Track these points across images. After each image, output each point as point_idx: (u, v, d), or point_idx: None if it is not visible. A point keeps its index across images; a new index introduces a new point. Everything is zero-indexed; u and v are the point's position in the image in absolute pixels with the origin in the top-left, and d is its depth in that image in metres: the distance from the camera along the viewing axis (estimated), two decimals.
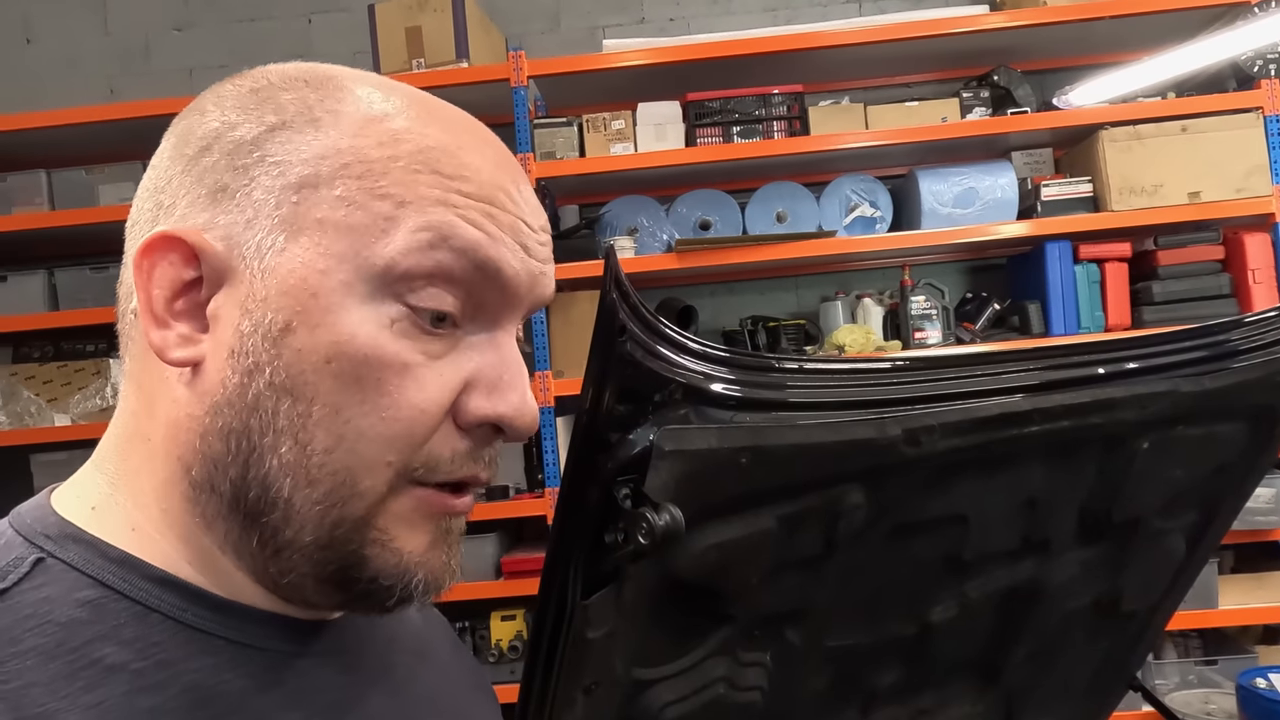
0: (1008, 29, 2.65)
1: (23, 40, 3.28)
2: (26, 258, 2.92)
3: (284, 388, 0.44)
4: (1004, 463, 0.79)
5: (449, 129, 0.47)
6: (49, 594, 0.43)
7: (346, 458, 0.44)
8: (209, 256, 0.45)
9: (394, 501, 0.46)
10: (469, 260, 0.45)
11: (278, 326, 0.44)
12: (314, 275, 0.44)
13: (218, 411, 0.45)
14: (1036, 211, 2.71)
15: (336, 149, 0.45)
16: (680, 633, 0.64)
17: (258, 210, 0.45)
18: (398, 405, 0.44)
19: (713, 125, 2.72)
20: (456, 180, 0.45)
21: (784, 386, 0.53)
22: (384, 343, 0.44)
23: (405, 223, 0.44)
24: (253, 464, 0.44)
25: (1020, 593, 0.87)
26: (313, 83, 0.48)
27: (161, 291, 0.45)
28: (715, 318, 3.08)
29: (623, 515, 0.50)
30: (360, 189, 0.44)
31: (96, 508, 0.47)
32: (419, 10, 2.76)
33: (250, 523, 0.45)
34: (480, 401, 0.46)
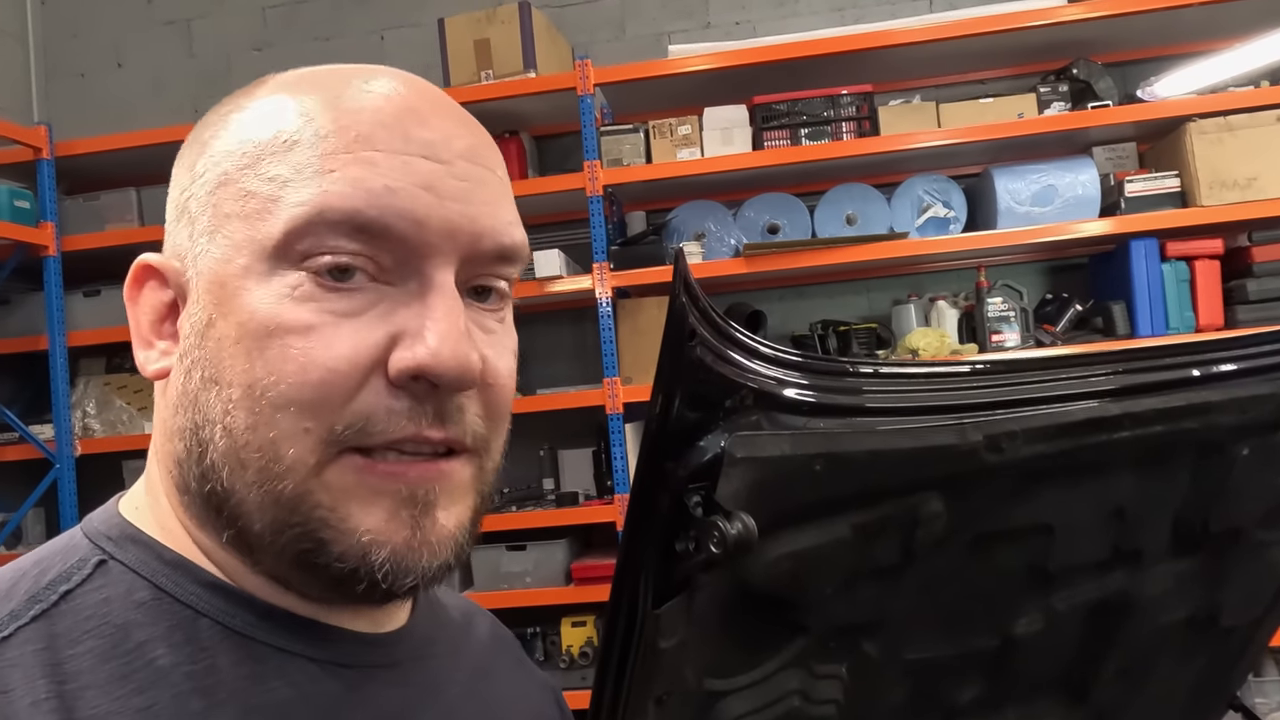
0: (1088, 20, 2.56)
1: (114, 65, 3.43)
2: (118, 273, 3.03)
3: (210, 378, 0.45)
4: (1092, 470, 0.76)
5: (334, 85, 0.46)
6: (108, 595, 0.44)
7: (266, 431, 0.43)
8: (171, 274, 0.48)
9: (331, 473, 0.43)
10: (351, 226, 0.43)
11: (203, 322, 0.46)
12: (221, 267, 0.45)
13: (176, 413, 0.47)
14: (1120, 208, 2.61)
15: (239, 143, 0.46)
16: (753, 643, 0.62)
17: (194, 220, 0.47)
18: (304, 368, 0.42)
19: (780, 128, 2.70)
20: (330, 137, 0.44)
21: (859, 391, 0.52)
22: (284, 310, 0.43)
23: (286, 199, 0.44)
24: (203, 458, 0.45)
25: (1110, 606, 0.84)
26: (250, 86, 0.50)
27: (146, 316, 0.49)
28: (784, 322, 3.05)
29: (694, 523, 0.50)
30: (255, 176, 0.45)
31: (139, 508, 0.50)
32: (487, 23, 2.80)
33: (219, 518, 0.45)
34: (400, 352, 0.43)
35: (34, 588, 0.44)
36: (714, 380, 0.47)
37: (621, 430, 2.64)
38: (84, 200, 2.97)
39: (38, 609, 0.43)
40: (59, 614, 0.43)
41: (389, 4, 3.31)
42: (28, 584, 0.44)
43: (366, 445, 0.43)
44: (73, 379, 2.93)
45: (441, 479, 0.45)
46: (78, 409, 2.92)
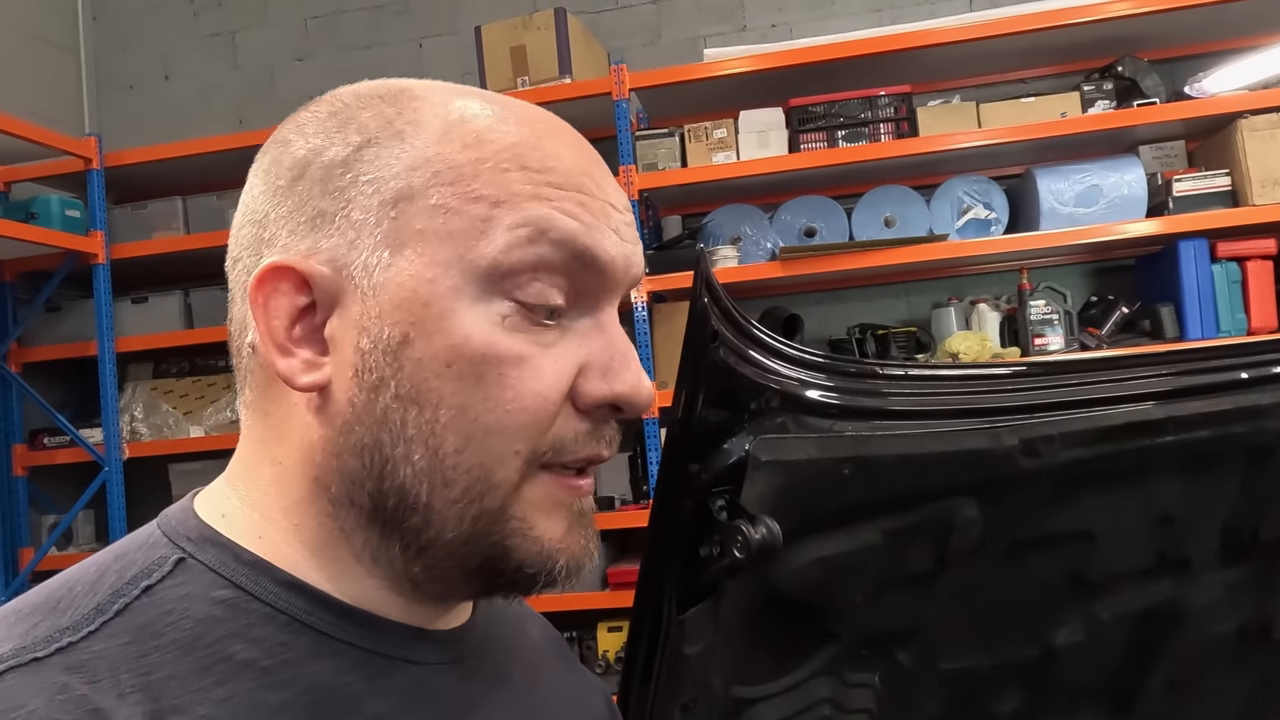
0: (1133, 16, 2.51)
1: (162, 77, 3.51)
2: (165, 279, 3.12)
3: (409, 398, 0.45)
4: (1135, 475, 0.73)
5: (525, 122, 0.48)
6: (188, 591, 0.45)
7: (478, 454, 0.45)
8: (318, 280, 0.47)
9: (527, 489, 0.47)
10: (568, 250, 0.46)
11: (396, 340, 0.45)
12: (423, 285, 0.45)
13: (349, 430, 0.46)
14: (1168, 208, 2.55)
15: (425, 158, 0.46)
16: (782, 650, 0.61)
17: (359, 230, 0.46)
18: (520, 396, 0.45)
19: (817, 130, 2.68)
20: (544, 173, 0.46)
21: (888, 394, 0.51)
22: (498, 339, 0.45)
23: (502, 221, 0.45)
24: (388, 475, 0.46)
25: (1156, 616, 0.81)
26: (388, 98, 0.49)
27: (279, 321, 0.47)
28: (821, 326, 3.02)
29: (718, 528, 0.49)
30: (454, 194, 0.45)
31: (227, 515, 0.50)
32: (523, 29, 2.81)
33: (390, 530, 0.47)
34: (597, 384, 0.47)
35: (117, 583, 0.45)
36: (737, 382, 0.46)
37: (657, 435, 2.63)
38: (132, 209, 3.04)
39: (121, 603, 0.44)
40: (140, 608, 0.44)
41: (427, 13, 3.34)
42: (111, 579, 0.45)
43: (554, 463, 0.48)
44: (121, 384, 2.99)
45: (591, 491, 0.51)
46: (125, 413, 2.98)
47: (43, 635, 0.42)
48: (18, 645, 0.42)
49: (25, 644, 0.42)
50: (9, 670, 0.40)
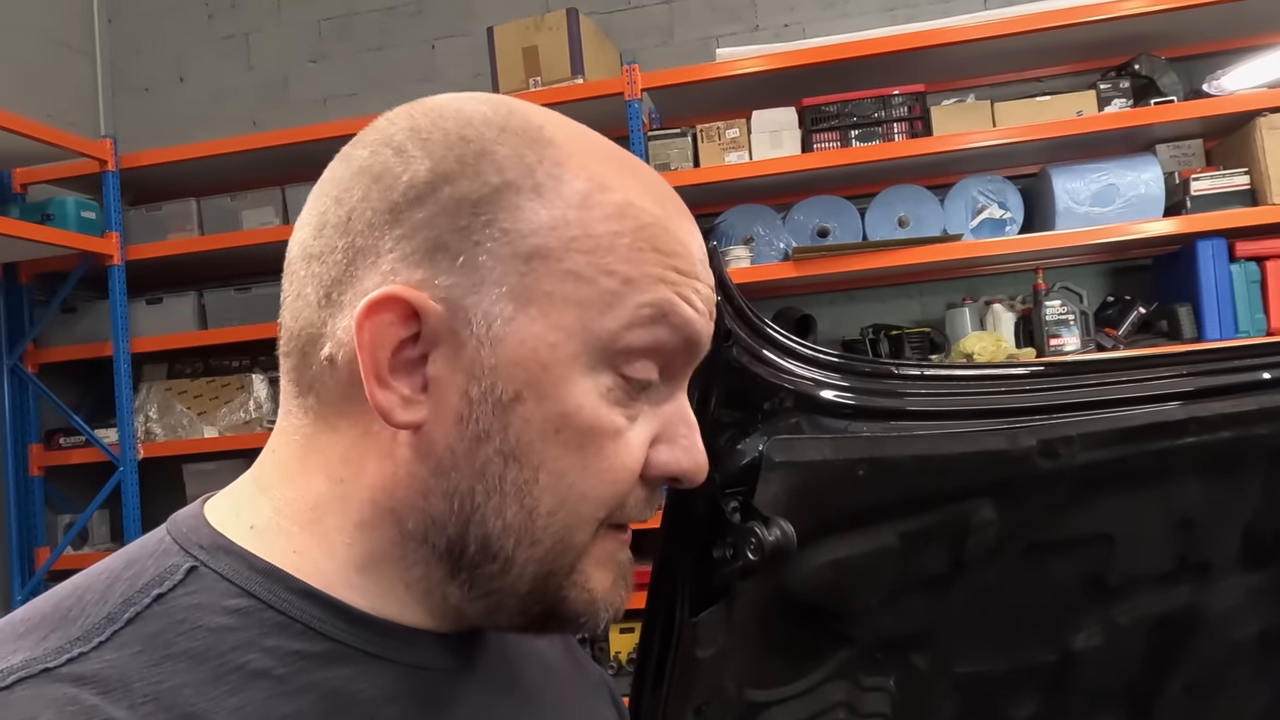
0: (1150, 14, 2.48)
1: (176, 79, 3.53)
2: (179, 280, 3.13)
3: (511, 454, 0.45)
4: (1155, 477, 0.72)
5: (660, 202, 0.49)
6: (200, 600, 0.45)
7: (568, 518, 0.47)
8: (431, 318, 0.45)
9: (594, 547, 0.49)
10: (681, 335, 0.48)
11: (508, 396, 0.45)
12: (544, 348, 0.45)
13: (443, 474, 0.46)
14: (1186, 207, 2.53)
15: (565, 220, 0.46)
16: (796, 654, 0.61)
17: (484, 276, 0.45)
18: (614, 468, 0.47)
19: (830, 130, 2.66)
20: (673, 258, 0.47)
21: (904, 394, 0.50)
22: (603, 412, 0.46)
23: (630, 299, 0.46)
24: (474, 523, 0.46)
25: (1175, 620, 0.80)
26: (525, 137, 0.47)
27: (384, 352, 0.45)
28: (835, 327, 3.01)
29: (731, 529, 0.48)
30: (589, 264, 0.45)
31: (255, 527, 0.48)
32: (535, 30, 2.81)
33: (459, 571, 0.48)
34: (665, 457, 0.49)
35: (128, 591, 0.45)
36: (751, 381, 0.46)
37: None
38: (147, 211, 3.05)
39: (133, 612, 0.44)
40: (152, 617, 0.44)
41: (438, 14, 3.35)
42: (122, 587, 0.45)
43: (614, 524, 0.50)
44: (135, 384, 3.01)
45: (629, 543, 0.52)
46: (140, 413, 3.00)
47: (53, 646, 0.42)
48: (28, 656, 0.41)
49: (35, 655, 0.41)
50: (19, 682, 0.40)
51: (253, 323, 2.95)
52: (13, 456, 2.96)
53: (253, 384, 3.00)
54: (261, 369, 3.06)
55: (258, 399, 2.99)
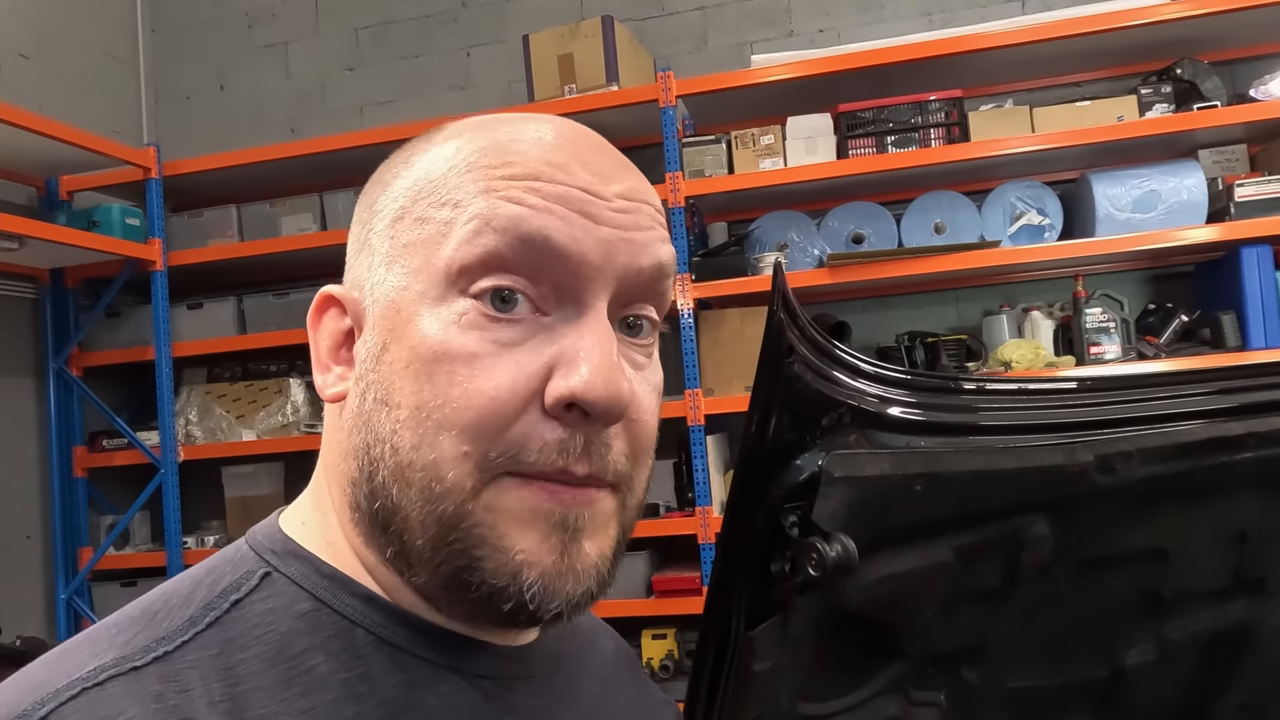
0: (1192, 18, 2.45)
1: (216, 88, 3.59)
2: (219, 285, 3.18)
3: (382, 399, 0.47)
4: (1211, 492, 0.71)
5: (506, 129, 0.49)
6: (273, 605, 0.47)
7: (429, 452, 0.45)
8: (349, 304, 0.51)
9: (490, 494, 0.45)
10: (514, 236, 0.45)
11: (379, 347, 0.48)
12: (397, 294, 0.48)
13: (350, 433, 0.49)
14: (1229, 214, 2.49)
15: (415, 180, 0.49)
16: (848, 668, 0.61)
17: (373, 254, 0.50)
18: (467, 395, 0.44)
19: (866, 136, 2.65)
20: (500, 168, 0.47)
21: (965, 409, 0.50)
22: (450, 337, 0.45)
23: (457, 221, 0.46)
24: (373, 476, 0.47)
25: (1230, 636, 0.79)
26: (424, 135, 0.52)
27: (325, 342, 0.51)
28: (869, 333, 2.99)
29: (790, 544, 0.48)
30: (429, 205, 0.48)
31: (305, 523, 0.52)
32: (570, 38, 2.83)
33: (384, 534, 0.47)
34: (557, 383, 0.45)
35: (208, 595, 0.47)
36: (812, 397, 0.46)
37: (703, 442, 2.62)
38: (188, 217, 3.11)
39: (212, 615, 0.46)
40: (230, 621, 0.46)
41: (474, 22, 3.38)
42: (203, 592, 0.47)
43: (519, 472, 0.45)
44: (176, 388, 3.06)
45: (590, 505, 0.46)
46: (181, 416, 3.05)
47: (140, 645, 0.44)
48: (119, 655, 0.44)
49: (125, 654, 0.44)
50: (110, 679, 0.42)
51: (290, 328, 2.99)
52: (58, 458, 3.02)
53: (290, 388, 3.04)
54: (299, 373, 3.10)
55: (295, 403, 3.03)
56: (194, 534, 3.07)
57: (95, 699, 0.41)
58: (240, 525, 3.08)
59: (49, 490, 3.02)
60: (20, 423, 2.97)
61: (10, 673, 1.28)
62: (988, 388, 0.52)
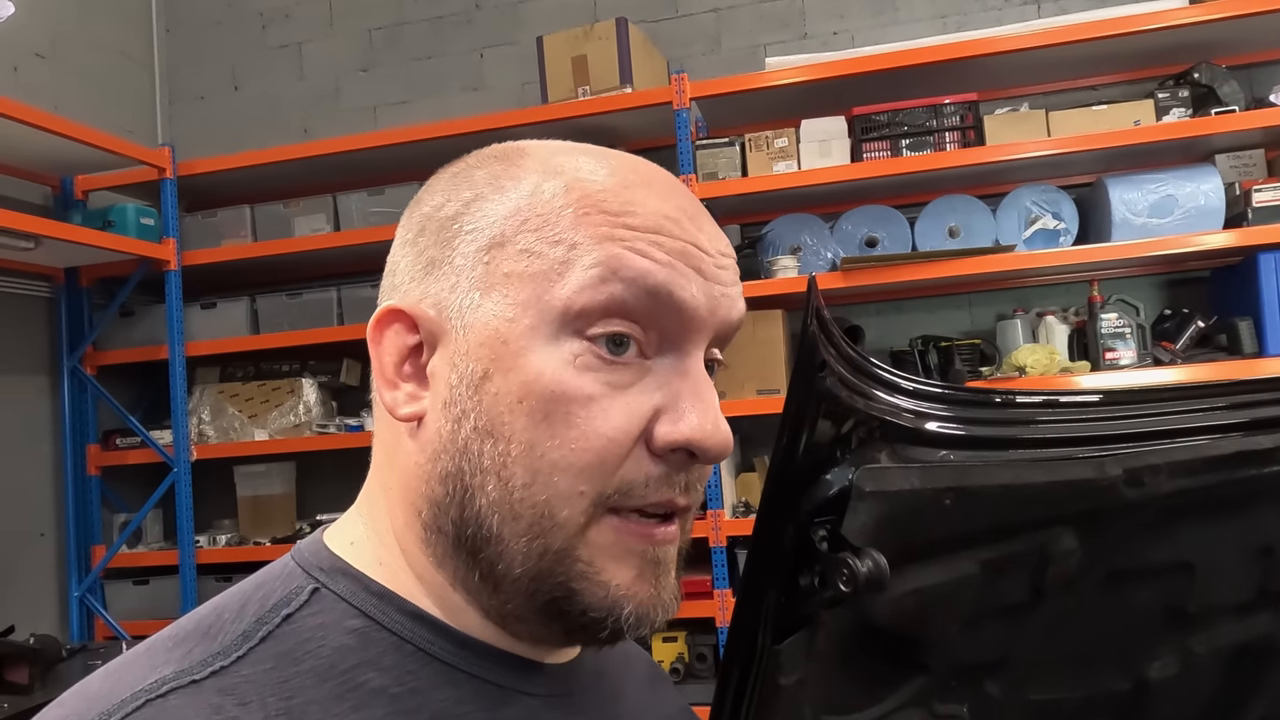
0: (1210, 22, 2.43)
1: (231, 88, 3.60)
2: (233, 285, 3.19)
3: (485, 430, 0.47)
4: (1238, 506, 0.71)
5: (615, 171, 0.50)
6: (323, 620, 0.48)
7: (543, 490, 0.46)
8: (424, 322, 0.50)
9: (594, 531, 0.47)
10: (639, 288, 0.47)
11: (477, 375, 0.48)
12: (504, 324, 0.47)
13: (437, 458, 0.49)
14: (1247, 219, 2.47)
15: (518, 208, 0.49)
16: (873, 681, 0.60)
17: (459, 275, 0.49)
18: (586, 436, 0.46)
19: (880, 139, 2.64)
20: (623, 215, 0.48)
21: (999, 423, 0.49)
22: (568, 378, 0.46)
23: (578, 263, 0.47)
24: (467, 503, 0.48)
25: (1254, 650, 0.78)
26: (502, 157, 0.52)
27: (390, 358, 0.51)
28: (882, 337, 2.98)
29: (820, 559, 0.48)
30: (538, 239, 0.48)
31: (355, 543, 0.52)
32: (585, 39, 2.83)
33: (471, 559, 0.48)
34: (666, 426, 0.47)
35: (260, 610, 0.48)
36: (844, 412, 0.46)
37: None
38: (202, 217, 3.12)
39: (265, 630, 0.47)
40: (282, 635, 0.47)
41: (488, 23, 3.38)
42: (254, 607, 0.48)
43: (623, 506, 0.48)
44: (189, 387, 3.07)
45: (674, 541, 0.50)
46: (194, 416, 3.06)
47: (198, 660, 0.45)
48: (178, 669, 0.44)
49: (184, 668, 0.44)
50: (172, 691, 0.43)
51: (303, 328, 3.00)
52: (72, 456, 3.03)
53: (303, 388, 3.04)
54: (311, 373, 3.11)
55: (307, 403, 3.03)
56: (206, 533, 3.08)
57: (159, 710, 0.42)
58: (252, 525, 3.10)
59: (63, 488, 3.03)
60: (35, 421, 2.99)
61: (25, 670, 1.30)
62: (1018, 401, 0.51)
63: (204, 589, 2.94)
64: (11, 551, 2.86)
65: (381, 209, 2.95)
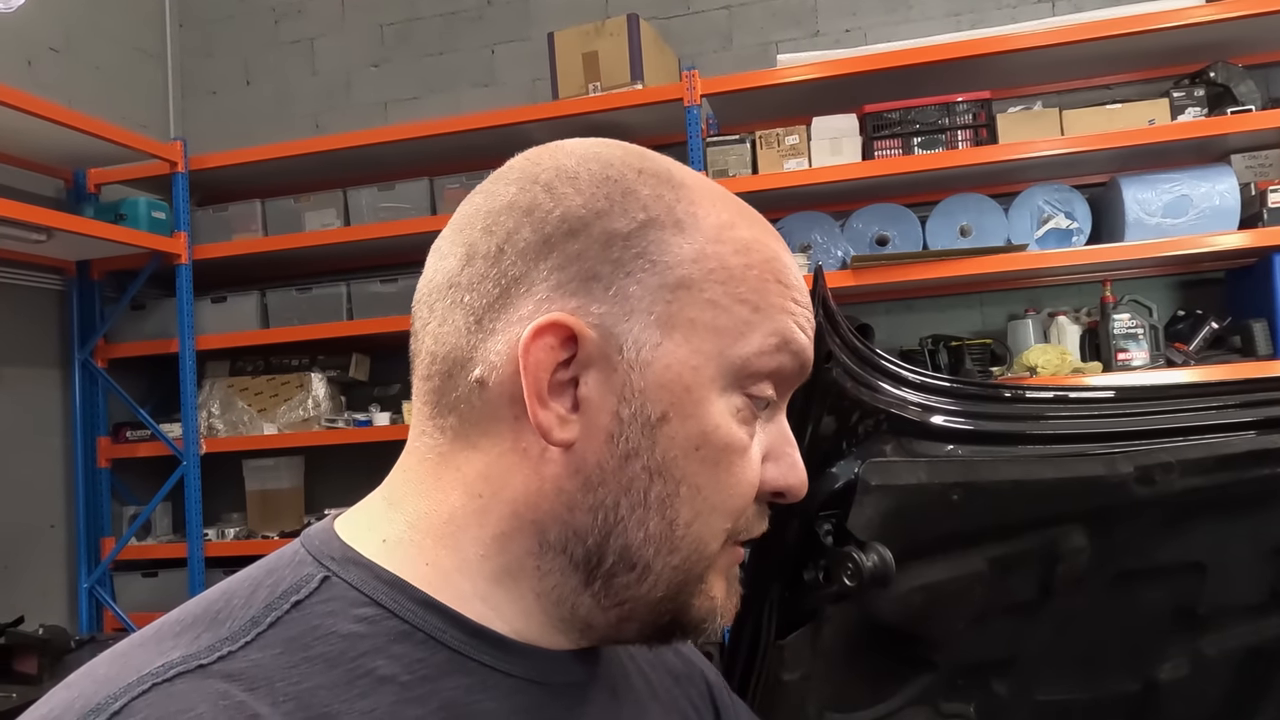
0: (1227, 20, 2.41)
1: (243, 83, 3.61)
2: (243, 279, 3.20)
3: (657, 470, 0.49)
4: (1251, 505, 0.70)
5: (775, 239, 0.54)
6: (333, 608, 0.47)
7: (702, 529, 0.50)
8: (587, 343, 0.48)
9: (720, 558, 0.52)
10: (799, 362, 0.52)
11: (655, 416, 0.48)
12: (688, 371, 0.49)
13: (591, 489, 0.49)
14: (1262, 220, 2.45)
15: (704, 254, 0.50)
16: (878, 678, 0.60)
17: (635, 305, 0.48)
18: (740, 483, 0.51)
19: (892, 137, 2.63)
20: (792, 290, 0.52)
21: (1008, 418, 0.49)
22: (735, 430, 0.50)
23: (760, 326, 0.50)
24: (615, 534, 0.49)
25: (1266, 652, 0.77)
26: (660, 177, 0.52)
27: (545, 373, 0.48)
28: (892, 336, 2.96)
29: (825, 553, 0.48)
30: (725, 293, 0.49)
31: (388, 541, 0.51)
32: (596, 36, 2.82)
33: (592, 581, 0.50)
34: (773, 474, 0.52)
35: (269, 597, 0.48)
36: (850, 404, 0.45)
37: None
38: (213, 211, 3.13)
39: (274, 616, 0.47)
40: (291, 621, 0.47)
41: (499, 19, 3.38)
42: (264, 593, 0.48)
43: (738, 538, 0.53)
44: (199, 381, 3.08)
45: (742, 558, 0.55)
46: (203, 409, 3.07)
47: (206, 645, 0.45)
48: (185, 653, 0.44)
49: (191, 652, 0.44)
50: (179, 675, 0.43)
51: (313, 322, 3.00)
52: (82, 448, 3.05)
53: (312, 383, 3.05)
54: (320, 368, 3.12)
55: (316, 397, 3.04)
56: (215, 526, 3.09)
57: (165, 694, 0.42)
58: (260, 518, 3.11)
59: (73, 480, 3.05)
60: (46, 413, 3.00)
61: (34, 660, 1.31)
62: (1028, 396, 0.51)
63: (212, 582, 2.94)
64: (22, 543, 2.87)
65: (391, 204, 2.95)
